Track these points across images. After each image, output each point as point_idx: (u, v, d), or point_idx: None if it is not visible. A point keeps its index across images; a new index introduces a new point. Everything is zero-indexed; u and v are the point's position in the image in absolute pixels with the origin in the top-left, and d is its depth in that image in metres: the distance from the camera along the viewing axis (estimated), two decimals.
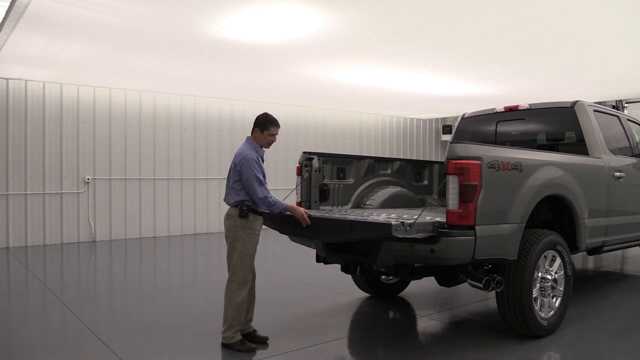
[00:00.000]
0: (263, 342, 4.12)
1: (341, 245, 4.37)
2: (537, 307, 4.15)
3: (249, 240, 3.97)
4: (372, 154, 13.89)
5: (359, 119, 14.37)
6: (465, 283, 4.06)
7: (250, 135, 4.17)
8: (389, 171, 5.71)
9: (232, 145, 11.61)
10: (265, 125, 4.07)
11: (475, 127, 6.33)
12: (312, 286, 6.18)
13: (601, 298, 5.68)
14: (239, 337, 3.97)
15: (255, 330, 4.19)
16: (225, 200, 4.10)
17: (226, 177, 4.17)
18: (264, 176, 4.00)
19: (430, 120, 16.07)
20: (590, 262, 8.05)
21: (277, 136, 4.15)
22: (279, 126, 4.15)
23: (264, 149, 4.15)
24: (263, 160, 4.11)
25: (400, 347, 4.10)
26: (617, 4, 5.65)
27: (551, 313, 4.30)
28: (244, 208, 3.94)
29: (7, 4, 5.54)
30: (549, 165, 4.36)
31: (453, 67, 8.56)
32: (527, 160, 4.13)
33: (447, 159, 3.72)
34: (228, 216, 4.03)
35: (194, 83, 10.08)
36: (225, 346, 3.96)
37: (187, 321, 4.84)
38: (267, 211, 4.03)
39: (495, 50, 7.53)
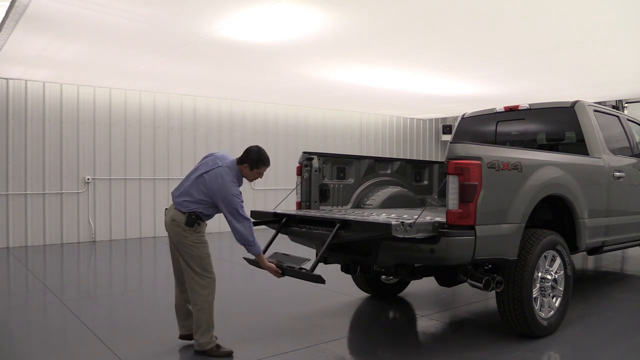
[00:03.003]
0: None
1: (341, 245, 4.37)
2: (537, 307, 4.14)
3: (200, 243, 3.83)
4: (372, 154, 13.90)
5: (359, 119, 14.38)
6: (465, 283, 4.06)
7: (237, 161, 3.92)
8: (389, 171, 5.72)
9: (231, 145, 11.63)
10: (257, 164, 3.90)
11: (475, 127, 6.33)
12: (312, 286, 6.16)
13: (601, 298, 5.68)
14: (215, 342, 3.86)
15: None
16: (176, 201, 3.88)
17: (187, 177, 3.96)
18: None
19: (430, 120, 16.07)
20: (590, 262, 8.05)
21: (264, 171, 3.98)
22: (269, 165, 3.97)
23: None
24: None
25: (400, 347, 4.10)
26: (617, 5, 5.66)
27: (551, 313, 4.30)
28: (193, 217, 3.77)
29: (7, 4, 5.54)
30: (548, 165, 4.36)
31: (453, 67, 8.56)
32: (527, 160, 4.13)
33: (447, 159, 3.72)
34: (174, 222, 3.82)
35: (194, 83, 10.08)
36: (200, 353, 3.83)
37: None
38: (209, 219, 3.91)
39: (495, 50, 7.53)
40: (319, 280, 3.59)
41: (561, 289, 4.39)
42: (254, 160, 3.90)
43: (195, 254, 3.81)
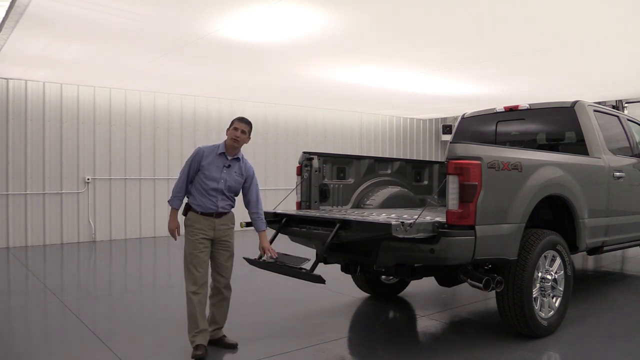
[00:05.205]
0: (232, 347, 4.01)
1: (341, 245, 4.36)
2: (537, 307, 4.14)
3: (188, 239, 3.94)
4: (372, 154, 13.89)
5: (359, 119, 14.37)
6: (465, 283, 4.06)
7: None
8: (388, 171, 5.72)
9: None
10: (231, 123, 4.04)
11: (475, 127, 6.33)
12: (312, 286, 6.16)
13: (601, 298, 5.68)
14: (194, 343, 3.83)
15: (224, 336, 4.09)
16: None
17: None
18: (198, 171, 3.99)
19: (430, 120, 16.07)
20: (590, 262, 8.05)
21: (243, 133, 3.96)
22: (245, 123, 4.01)
23: (237, 149, 4.01)
24: (229, 165, 3.97)
25: (400, 347, 4.10)
26: (617, 4, 5.66)
27: (551, 313, 4.30)
28: (186, 205, 4.03)
29: (7, 4, 5.54)
30: (548, 165, 4.36)
31: (453, 67, 8.56)
32: (527, 160, 4.13)
33: (447, 159, 3.72)
34: None
35: (194, 83, 10.08)
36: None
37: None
38: (210, 211, 3.93)
39: (495, 50, 7.53)
40: (319, 280, 3.60)
41: (561, 289, 4.39)
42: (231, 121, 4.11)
43: (184, 248, 3.95)
